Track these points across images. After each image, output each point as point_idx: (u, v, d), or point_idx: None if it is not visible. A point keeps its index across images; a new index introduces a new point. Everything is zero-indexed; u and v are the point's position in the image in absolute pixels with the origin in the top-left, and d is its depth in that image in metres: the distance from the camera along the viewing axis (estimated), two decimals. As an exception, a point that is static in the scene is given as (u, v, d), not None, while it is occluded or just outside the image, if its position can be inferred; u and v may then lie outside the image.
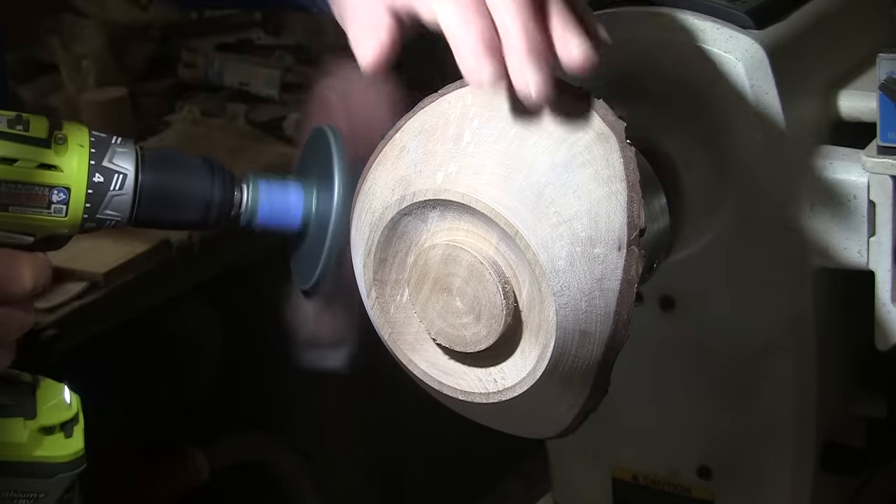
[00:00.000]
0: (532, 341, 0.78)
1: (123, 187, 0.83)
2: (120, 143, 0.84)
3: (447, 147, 0.78)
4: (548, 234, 0.76)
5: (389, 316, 0.82)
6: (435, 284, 0.78)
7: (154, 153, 0.86)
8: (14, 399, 0.87)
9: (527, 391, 0.79)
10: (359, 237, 0.82)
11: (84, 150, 0.83)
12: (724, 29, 0.94)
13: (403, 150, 0.80)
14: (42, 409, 0.87)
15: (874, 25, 1.06)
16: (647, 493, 1.08)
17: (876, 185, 0.93)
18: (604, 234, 0.76)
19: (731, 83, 0.93)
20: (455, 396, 0.82)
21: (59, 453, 0.87)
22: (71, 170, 0.82)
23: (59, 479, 0.87)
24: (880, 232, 0.94)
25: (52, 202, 0.82)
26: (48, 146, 0.82)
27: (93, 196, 0.83)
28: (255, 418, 2.16)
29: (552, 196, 0.76)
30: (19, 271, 0.83)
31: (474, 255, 0.77)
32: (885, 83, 0.91)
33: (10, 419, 0.86)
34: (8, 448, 0.86)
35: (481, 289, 0.77)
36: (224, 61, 2.24)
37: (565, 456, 1.12)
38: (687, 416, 1.04)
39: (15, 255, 0.83)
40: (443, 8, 0.77)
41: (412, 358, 0.82)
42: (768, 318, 0.98)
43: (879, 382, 1.06)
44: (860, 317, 0.97)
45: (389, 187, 0.80)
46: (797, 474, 1.02)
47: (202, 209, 0.85)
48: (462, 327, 0.79)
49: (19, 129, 0.82)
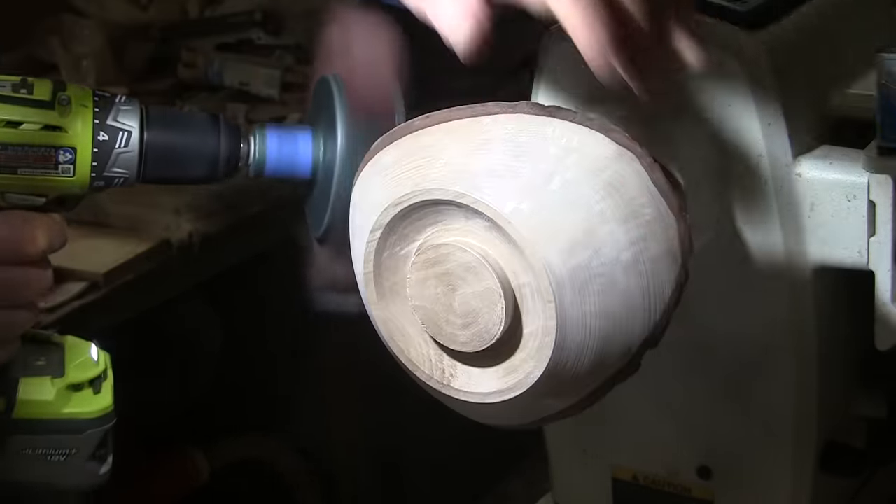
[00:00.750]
0: (499, 375, 0.78)
1: (129, 144, 0.84)
2: (124, 102, 0.85)
3: (533, 180, 0.76)
4: (575, 318, 0.76)
5: (380, 258, 0.80)
6: (444, 275, 0.77)
7: (159, 109, 0.86)
8: (44, 357, 0.89)
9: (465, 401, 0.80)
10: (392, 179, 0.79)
11: (88, 109, 0.84)
12: (725, 29, 0.94)
13: (487, 144, 0.77)
14: (70, 366, 0.90)
15: (874, 25, 1.06)
16: (647, 493, 1.08)
17: (876, 185, 0.93)
18: (620, 339, 0.77)
19: (731, 83, 0.93)
20: (399, 359, 0.81)
21: (88, 409, 0.89)
22: (75, 130, 0.84)
23: (88, 434, 0.89)
24: (880, 232, 0.94)
25: (59, 162, 0.84)
26: (52, 108, 0.83)
27: (99, 154, 0.84)
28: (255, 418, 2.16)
29: (599, 288, 0.75)
30: (32, 232, 0.84)
31: (497, 284, 0.76)
32: (885, 83, 0.91)
33: (38, 378, 0.88)
34: (36, 406, 0.88)
35: (485, 311, 0.77)
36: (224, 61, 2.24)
37: (565, 456, 1.12)
38: (687, 416, 1.04)
39: (27, 217, 0.85)
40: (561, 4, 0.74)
41: (378, 302, 0.81)
42: (768, 319, 0.98)
43: (879, 382, 1.06)
44: (860, 317, 0.97)
45: (454, 171, 0.77)
46: (797, 474, 1.02)
47: (210, 162, 0.86)
48: (445, 321, 0.78)
49: (23, 92, 0.83)
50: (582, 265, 0.75)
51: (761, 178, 0.95)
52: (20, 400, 0.88)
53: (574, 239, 0.75)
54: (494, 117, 0.78)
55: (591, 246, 0.75)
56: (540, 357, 0.76)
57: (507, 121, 0.77)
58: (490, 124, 0.77)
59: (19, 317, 0.86)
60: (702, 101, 0.94)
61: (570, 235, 0.75)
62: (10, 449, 0.87)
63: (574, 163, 0.76)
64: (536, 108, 0.78)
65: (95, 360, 0.91)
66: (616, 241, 0.75)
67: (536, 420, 0.82)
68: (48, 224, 0.85)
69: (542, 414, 0.81)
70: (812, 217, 0.95)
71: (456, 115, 0.78)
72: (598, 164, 0.77)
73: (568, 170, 0.76)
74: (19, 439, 0.88)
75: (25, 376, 0.88)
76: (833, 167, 0.95)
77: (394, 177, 0.79)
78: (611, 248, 0.75)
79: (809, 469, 1.02)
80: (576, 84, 0.96)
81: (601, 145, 0.77)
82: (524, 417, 0.82)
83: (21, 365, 0.88)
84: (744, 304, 0.99)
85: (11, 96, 0.83)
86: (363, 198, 0.81)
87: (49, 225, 0.86)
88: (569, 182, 0.76)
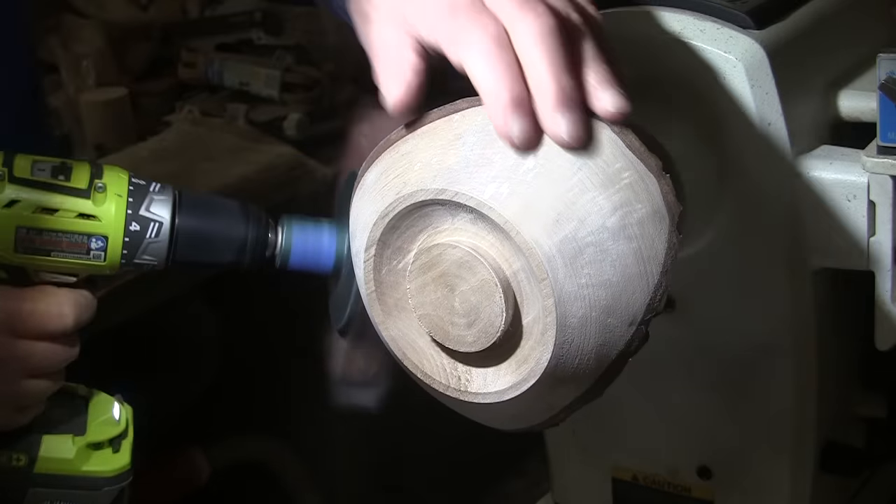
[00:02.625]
0: (512, 369, 0.79)
1: (159, 235, 0.87)
2: (158, 191, 0.88)
3: (507, 163, 0.76)
4: (572, 292, 0.76)
5: (380, 275, 0.80)
6: (440, 277, 0.78)
7: (192, 197, 0.89)
8: (67, 414, 0.92)
9: (486, 404, 0.80)
10: (377, 194, 0.80)
11: (122, 199, 0.87)
12: (724, 29, 0.94)
13: (459, 139, 0.78)
14: (92, 424, 0.92)
15: (874, 25, 1.06)
16: (647, 493, 1.08)
17: (876, 185, 0.93)
18: (622, 307, 0.77)
19: (731, 83, 0.93)
20: (414, 374, 0.82)
21: (105, 468, 0.92)
22: (109, 219, 0.87)
23: (105, 491, 0.92)
24: (880, 232, 0.94)
25: (91, 249, 0.87)
26: (88, 196, 0.86)
27: (130, 244, 0.87)
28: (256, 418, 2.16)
29: (590, 258, 0.75)
30: (60, 309, 0.88)
31: (492, 274, 0.76)
32: (885, 83, 0.91)
33: (60, 435, 0.91)
34: (56, 463, 0.91)
35: (485, 304, 0.77)
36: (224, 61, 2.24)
37: (565, 456, 1.12)
38: (687, 416, 1.04)
39: (56, 293, 0.88)
40: (471, 56, 0.75)
41: (385, 321, 0.81)
42: (768, 319, 0.98)
43: (879, 382, 1.06)
44: (860, 317, 0.97)
45: (431, 170, 0.78)
46: (797, 474, 1.02)
47: (236, 252, 0.88)
48: (450, 324, 0.78)
49: (61, 178, 0.86)
50: (569, 237, 0.75)
51: (761, 178, 0.95)
52: (41, 457, 0.91)
53: (557, 212, 0.75)
54: (463, 113, 0.78)
55: (574, 217, 0.75)
56: (545, 340, 0.76)
57: (476, 114, 0.78)
58: (459, 120, 0.78)
59: (42, 386, 0.90)
60: (702, 101, 0.94)
61: (551, 209, 0.75)
62: (31, 500, 0.91)
63: (545, 141, 0.76)
64: None
65: (117, 420, 0.93)
66: (599, 209, 0.76)
67: (558, 413, 0.82)
68: (77, 300, 0.88)
69: (561, 404, 0.81)
70: (812, 217, 0.95)
71: (428, 119, 0.79)
72: None
73: (539, 147, 0.76)
74: (40, 492, 0.91)
75: (48, 433, 0.91)
76: (833, 167, 0.95)
77: (378, 191, 0.80)
78: (595, 216, 0.76)
79: (809, 469, 1.02)
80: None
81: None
82: (544, 412, 0.82)
83: (45, 420, 0.92)
84: (744, 305, 0.99)
85: (50, 182, 0.86)
86: (356, 222, 0.82)
87: (78, 301, 0.88)
88: (542, 159, 0.76)
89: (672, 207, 0.78)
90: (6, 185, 0.85)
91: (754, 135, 0.94)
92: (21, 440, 0.91)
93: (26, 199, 0.86)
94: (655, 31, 0.96)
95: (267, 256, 0.89)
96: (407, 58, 0.78)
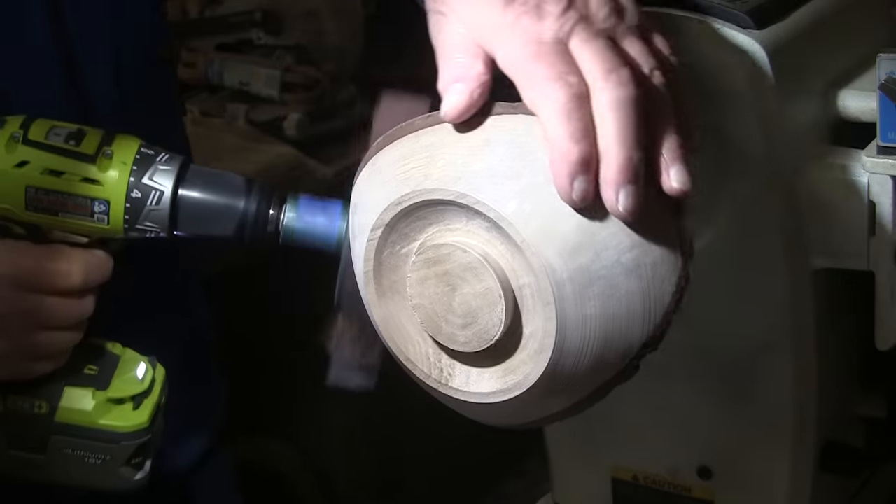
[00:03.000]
0: (498, 375, 0.78)
1: (160, 203, 0.91)
2: (164, 161, 0.92)
3: (535, 180, 0.75)
4: (575, 320, 0.75)
5: (381, 256, 0.80)
6: (444, 275, 0.77)
7: (197, 170, 0.93)
8: (94, 368, 0.98)
9: (464, 401, 0.80)
10: (393, 179, 0.79)
11: (126, 166, 0.91)
12: (724, 29, 0.94)
13: (488, 144, 0.77)
14: (115, 381, 0.98)
15: (874, 25, 1.06)
16: (647, 493, 1.08)
17: (876, 185, 0.93)
18: (620, 341, 0.77)
19: (731, 83, 0.93)
20: (398, 357, 0.81)
21: (122, 423, 0.97)
22: (111, 185, 0.91)
23: (123, 445, 0.97)
24: (880, 232, 0.94)
25: (94, 212, 0.91)
26: (94, 162, 0.91)
27: (131, 209, 0.91)
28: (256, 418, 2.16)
29: (600, 290, 0.75)
30: (69, 267, 0.93)
31: (498, 284, 0.76)
32: (885, 83, 0.91)
33: (82, 388, 0.97)
34: (75, 413, 0.96)
35: (485, 312, 0.76)
36: (224, 61, 2.24)
37: (565, 456, 1.12)
38: (687, 416, 1.04)
39: (66, 252, 0.93)
40: (547, 107, 0.75)
41: (377, 301, 0.81)
42: (768, 319, 0.98)
43: (879, 382, 1.06)
44: (860, 317, 0.97)
45: (455, 171, 0.77)
46: (797, 474, 1.02)
47: (237, 226, 0.92)
48: (445, 320, 0.77)
49: (72, 143, 0.92)
50: (583, 267, 0.75)
51: (761, 178, 0.95)
52: (61, 406, 0.96)
53: (576, 241, 0.75)
54: (496, 118, 0.77)
55: (592, 248, 0.75)
56: (539, 359, 0.76)
57: (509, 121, 0.77)
58: (491, 125, 0.77)
59: (58, 338, 0.95)
60: (702, 101, 0.94)
61: (571, 237, 0.75)
62: (53, 447, 0.96)
63: None
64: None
65: (140, 379, 0.98)
66: (618, 244, 0.75)
67: (536, 420, 0.82)
68: (87, 260, 0.94)
69: (541, 414, 0.81)
70: (812, 217, 0.95)
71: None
72: None
73: None
74: (60, 440, 0.96)
75: (70, 385, 0.97)
76: (833, 167, 0.95)
77: (395, 176, 0.79)
78: (612, 250, 0.75)
79: (809, 469, 1.02)
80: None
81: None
82: (523, 417, 0.82)
83: (70, 372, 0.97)
84: (744, 305, 0.99)
85: (60, 147, 0.91)
86: (362, 198, 0.81)
87: (87, 261, 0.94)
88: None
89: (687, 255, 0.78)
90: (19, 146, 0.91)
91: (754, 135, 0.94)
92: (44, 389, 0.96)
93: (36, 161, 0.91)
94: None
95: (269, 231, 0.91)
96: (476, 70, 0.78)
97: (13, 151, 0.91)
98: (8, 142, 0.91)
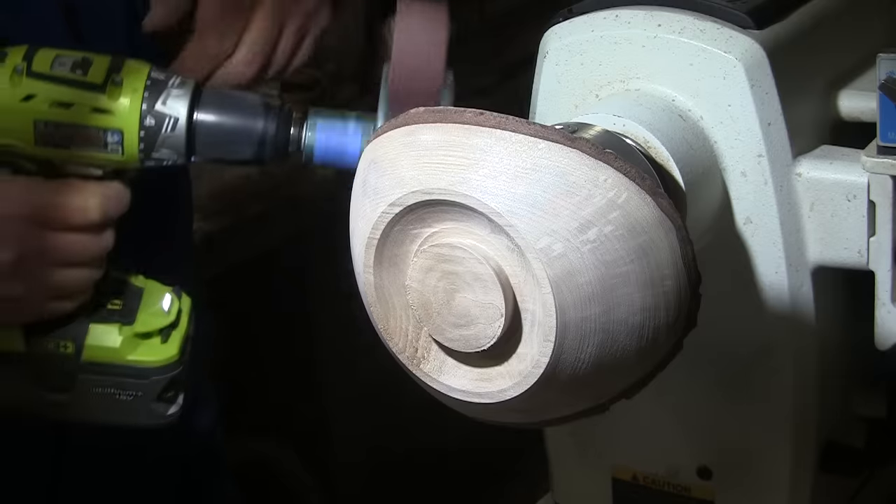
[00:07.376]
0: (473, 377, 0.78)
1: (175, 129, 0.88)
2: (177, 85, 0.88)
3: (571, 225, 0.74)
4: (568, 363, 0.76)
5: (391, 229, 0.77)
6: (450, 274, 0.76)
7: (210, 92, 0.89)
8: (119, 303, 0.95)
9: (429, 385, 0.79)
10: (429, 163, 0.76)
11: (137, 94, 0.87)
12: (724, 29, 0.94)
13: (536, 171, 0.74)
14: (141, 315, 0.95)
15: (874, 25, 1.06)
16: (647, 493, 1.08)
17: (876, 185, 0.93)
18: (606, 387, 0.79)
19: (732, 83, 0.93)
20: (375, 325, 0.80)
21: (152, 358, 0.94)
22: (123, 114, 0.87)
23: (153, 381, 0.94)
24: (880, 232, 0.94)
25: (108, 142, 0.87)
26: (103, 91, 0.87)
27: (146, 138, 0.87)
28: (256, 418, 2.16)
29: (599, 341, 0.76)
30: (85, 202, 0.90)
31: (503, 303, 0.75)
32: (885, 83, 0.91)
33: (108, 324, 0.94)
34: (103, 351, 0.93)
35: (482, 322, 0.76)
36: (224, 61, 2.23)
37: (565, 456, 1.12)
38: (687, 416, 1.04)
39: (81, 186, 0.90)
40: None
41: (373, 268, 0.78)
42: (768, 318, 0.98)
43: (879, 382, 1.06)
44: (860, 317, 0.97)
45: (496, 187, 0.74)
46: (797, 474, 1.02)
47: (257, 145, 0.88)
48: (437, 313, 0.76)
49: (78, 73, 0.87)
50: (591, 317, 0.75)
51: (761, 178, 0.95)
52: (88, 345, 0.93)
53: (593, 292, 0.75)
54: (551, 145, 0.75)
55: (605, 302, 0.75)
56: (522, 383, 0.76)
57: (563, 154, 0.75)
58: (545, 151, 0.75)
59: (78, 275, 0.91)
60: (701, 101, 0.94)
61: (589, 287, 0.75)
62: (82, 387, 0.93)
63: (615, 219, 0.75)
64: (595, 150, 0.75)
65: (166, 311, 0.95)
66: (630, 305, 0.75)
67: (497, 422, 0.82)
68: (103, 193, 0.90)
69: (503, 420, 0.81)
70: (812, 217, 0.95)
71: (513, 126, 0.75)
72: (637, 227, 0.76)
73: (608, 224, 0.75)
74: (88, 379, 0.93)
75: (95, 322, 0.93)
76: (833, 167, 0.95)
77: (431, 162, 0.76)
78: (623, 309, 0.75)
79: (809, 469, 1.02)
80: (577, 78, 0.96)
81: (645, 208, 0.76)
82: (485, 416, 0.81)
83: (94, 309, 0.93)
84: (744, 305, 0.99)
85: (67, 77, 0.87)
86: (387, 161, 0.78)
87: (104, 194, 0.90)
88: (605, 237, 0.75)
89: (689, 326, 0.78)
90: (24, 79, 0.87)
91: (754, 135, 0.94)
92: (69, 328, 0.93)
93: (42, 94, 0.87)
94: (656, 31, 0.96)
95: (291, 152, 0.89)
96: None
97: (18, 85, 0.87)
98: (11, 75, 0.87)
